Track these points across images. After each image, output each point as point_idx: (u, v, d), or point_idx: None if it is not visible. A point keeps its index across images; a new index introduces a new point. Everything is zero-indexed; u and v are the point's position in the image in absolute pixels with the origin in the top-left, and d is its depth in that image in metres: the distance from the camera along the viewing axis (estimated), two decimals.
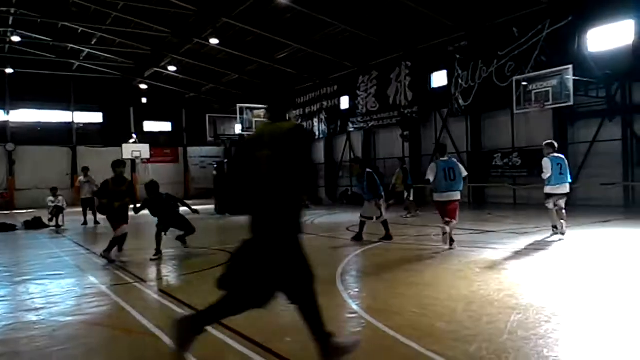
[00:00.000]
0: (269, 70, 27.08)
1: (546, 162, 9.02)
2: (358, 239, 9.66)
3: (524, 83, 15.35)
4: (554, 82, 14.55)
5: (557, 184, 9.02)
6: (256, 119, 21.26)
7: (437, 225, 9.23)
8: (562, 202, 9.14)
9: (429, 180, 8.36)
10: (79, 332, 4.61)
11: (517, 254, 7.70)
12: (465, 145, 19.82)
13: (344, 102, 25.63)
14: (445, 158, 8.50)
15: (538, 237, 9.37)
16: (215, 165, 21.94)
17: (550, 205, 9.11)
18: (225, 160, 21.89)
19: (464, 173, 8.43)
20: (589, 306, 4.77)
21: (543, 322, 4.21)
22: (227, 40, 22.88)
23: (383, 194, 9.85)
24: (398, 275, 6.54)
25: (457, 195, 8.35)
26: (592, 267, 6.60)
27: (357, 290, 5.93)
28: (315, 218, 15.63)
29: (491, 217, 13.53)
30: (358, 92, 24.44)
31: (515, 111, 16.16)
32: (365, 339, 4.14)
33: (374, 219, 9.69)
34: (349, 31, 20.56)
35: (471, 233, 10.36)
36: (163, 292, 6.10)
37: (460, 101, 19.23)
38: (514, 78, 15.81)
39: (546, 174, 9.01)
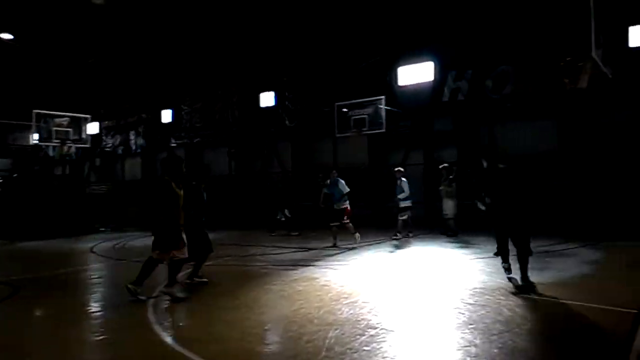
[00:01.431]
0: (72, 74, 24.28)
1: (405, 184, 11.77)
2: None
3: (344, 110, 16.43)
4: (370, 110, 15.90)
5: (410, 200, 11.73)
6: (56, 128, 18.26)
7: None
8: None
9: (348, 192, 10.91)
10: None
11: (338, 270, 7.90)
12: (290, 165, 20.35)
13: (166, 116, 24.25)
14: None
15: (358, 253, 9.84)
16: (1, 181, 18.35)
17: (406, 216, 11.73)
18: (15, 175, 18.50)
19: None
20: (399, 317, 5.01)
21: (358, 336, 4.29)
22: (25, 36, 19.72)
23: None
24: (218, 299, 6.11)
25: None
26: (402, 279, 7.07)
27: (171, 320, 5.34)
28: (127, 241, 14.18)
29: (315, 235, 13.90)
30: (182, 106, 23.41)
31: (336, 134, 17.13)
32: None
33: None
34: (172, 44, 19.61)
35: (295, 251, 10.41)
36: None
37: (287, 122, 19.75)
38: (336, 104, 16.80)
39: (406, 193, 11.65)
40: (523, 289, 5.86)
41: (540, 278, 6.41)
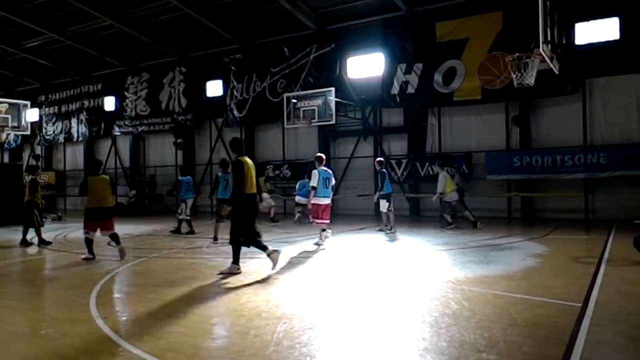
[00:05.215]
0: (14, 59, 23.09)
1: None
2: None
3: (294, 100, 16.35)
4: (319, 101, 15.91)
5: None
6: None
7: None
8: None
9: (313, 186, 9.36)
10: None
11: (287, 263, 7.89)
12: None
13: (109, 103, 23.37)
14: (324, 168, 9.61)
15: (305, 246, 9.87)
16: None
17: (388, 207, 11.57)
18: None
19: (334, 182, 9.95)
20: (347, 311, 5.06)
21: (307, 330, 4.28)
22: None
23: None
24: (163, 293, 5.96)
25: (330, 200, 9.71)
26: (350, 272, 7.15)
27: (114, 313, 5.17)
28: (69, 232, 13.59)
29: (262, 226, 13.79)
30: (126, 93, 22.58)
31: (285, 125, 17.06)
32: None
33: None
34: (116, 27, 18.81)
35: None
36: None
37: (235, 112, 19.46)
38: (285, 95, 16.70)
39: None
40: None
41: (487, 271, 6.59)
